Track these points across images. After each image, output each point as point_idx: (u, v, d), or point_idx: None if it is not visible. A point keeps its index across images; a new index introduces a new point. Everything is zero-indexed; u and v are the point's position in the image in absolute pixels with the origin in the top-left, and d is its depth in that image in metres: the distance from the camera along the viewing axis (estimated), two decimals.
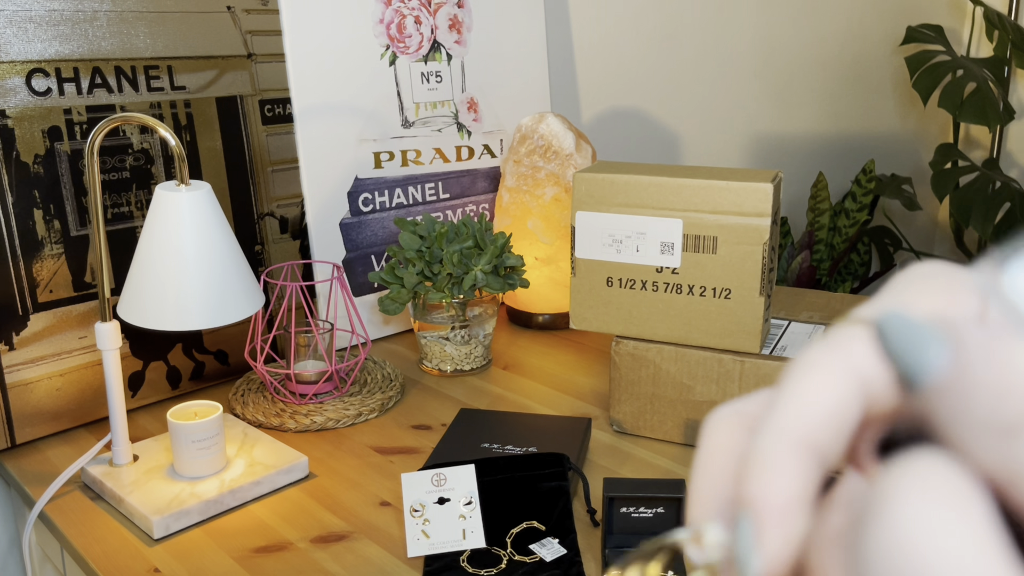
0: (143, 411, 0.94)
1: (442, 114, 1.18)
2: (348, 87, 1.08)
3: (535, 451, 0.81)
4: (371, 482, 0.81)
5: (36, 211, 0.86)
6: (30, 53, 0.84)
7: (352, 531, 0.74)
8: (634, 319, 0.86)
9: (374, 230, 1.12)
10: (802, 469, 0.20)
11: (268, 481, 0.79)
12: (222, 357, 1.00)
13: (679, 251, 0.82)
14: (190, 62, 0.95)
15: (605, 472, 0.83)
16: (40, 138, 0.85)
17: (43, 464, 0.84)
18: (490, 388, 1.01)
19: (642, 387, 0.87)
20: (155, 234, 0.76)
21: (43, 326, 0.87)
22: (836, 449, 0.20)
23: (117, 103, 0.90)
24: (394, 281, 1.00)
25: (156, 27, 0.92)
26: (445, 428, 0.91)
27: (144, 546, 0.72)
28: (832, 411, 0.20)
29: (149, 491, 0.76)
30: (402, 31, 1.13)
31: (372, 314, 1.13)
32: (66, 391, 0.89)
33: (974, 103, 1.72)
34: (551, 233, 1.14)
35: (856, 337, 0.21)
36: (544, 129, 1.14)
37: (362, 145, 1.10)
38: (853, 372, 0.21)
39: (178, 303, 0.75)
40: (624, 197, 0.83)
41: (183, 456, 0.78)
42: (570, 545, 0.70)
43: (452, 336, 1.02)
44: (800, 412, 0.20)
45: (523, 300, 1.18)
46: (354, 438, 0.90)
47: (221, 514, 0.76)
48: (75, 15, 0.87)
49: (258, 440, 0.85)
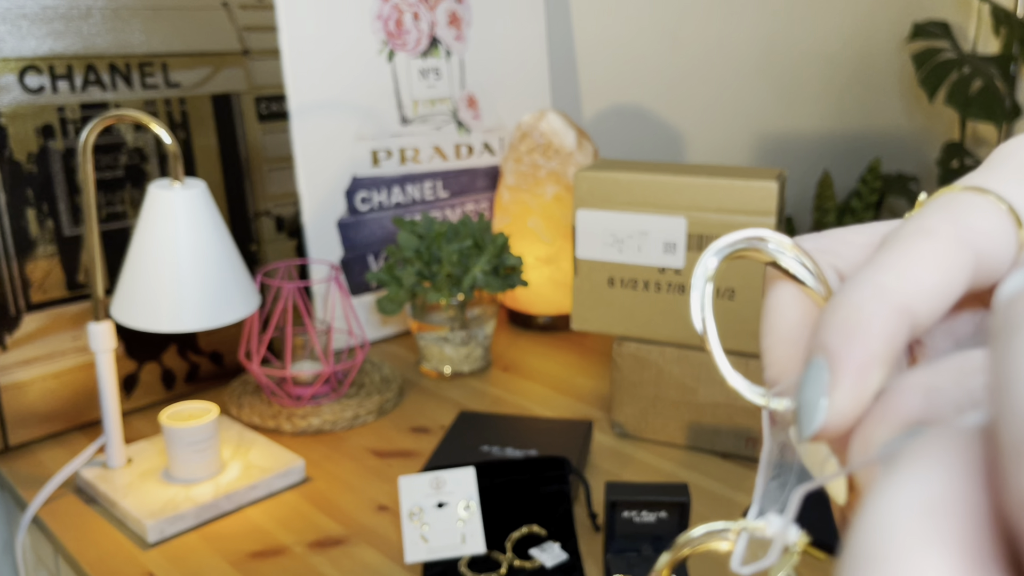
0: (138, 413, 0.93)
1: (441, 111, 1.17)
2: (345, 84, 1.07)
3: (536, 454, 0.79)
4: (369, 486, 0.80)
5: (29, 210, 0.84)
6: (23, 50, 0.83)
7: (349, 535, 0.73)
8: (636, 319, 0.84)
9: (372, 229, 1.11)
10: (893, 332, 0.18)
11: (264, 485, 0.78)
12: (217, 358, 0.99)
13: (682, 250, 0.81)
14: (185, 59, 0.94)
15: (607, 476, 0.81)
16: (33, 136, 0.84)
17: (36, 467, 0.83)
18: (490, 390, 1.00)
19: (644, 389, 0.86)
20: (149, 233, 0.75)
21: (36, 327, 0.86)
22: (931, 322, 0.19)
23: (111, 100, 0.89)
24: (392, 281, 0.98)
25: (151, 23, 0.91)
26: (444, 431, 0.90)
27: (139, 550, 0.71)
28: (939, 283, 0.19)
29: (143, 495, 0.75)
30: (400, 27, 1.11)
31: (370, 315, 1.11)
32: (60, 393, 0.87)
33: (981, 100, 1.71)
34: (552, 232, 1.13)
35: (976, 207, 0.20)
36: (545, 126, 1.13)
37: (359, 143, 1.09)
38: (968, 246, 0.19)
39: (172, 304, 0.74)
40: (626, 196, 0.82)
41: (177, 459, 0.77)
42: (571, 550, 0.69)
43: (451, 337, 1.01)
44: (907, 275, 0.18)
45: (523, 301, 1.17)
46: (351, 441, 0.88)
47: (216, 518, 0.75)
48: (69, 11, 0.85)
49: (254, 443, 0.84)
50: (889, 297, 0.18)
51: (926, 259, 0.19)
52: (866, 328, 0.18)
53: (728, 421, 0.83)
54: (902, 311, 0.18)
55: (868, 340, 0.18)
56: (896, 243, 0.19)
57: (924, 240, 0.19)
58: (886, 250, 0.19)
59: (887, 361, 0.18)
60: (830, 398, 0.18)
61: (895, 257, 0.19)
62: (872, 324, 0.18)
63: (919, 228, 0.19)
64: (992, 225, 0.19)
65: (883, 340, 0.18)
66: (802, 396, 0.18)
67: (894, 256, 0.19)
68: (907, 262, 0.19)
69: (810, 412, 0.18)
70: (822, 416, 0.18)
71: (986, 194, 0.20)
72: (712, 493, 0.78)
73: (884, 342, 0.18)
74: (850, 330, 0.18)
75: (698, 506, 0.76)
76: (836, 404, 0.18)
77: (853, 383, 0.18)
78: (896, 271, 0.18)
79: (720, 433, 0.84)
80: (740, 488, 0.79)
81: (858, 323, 0.18)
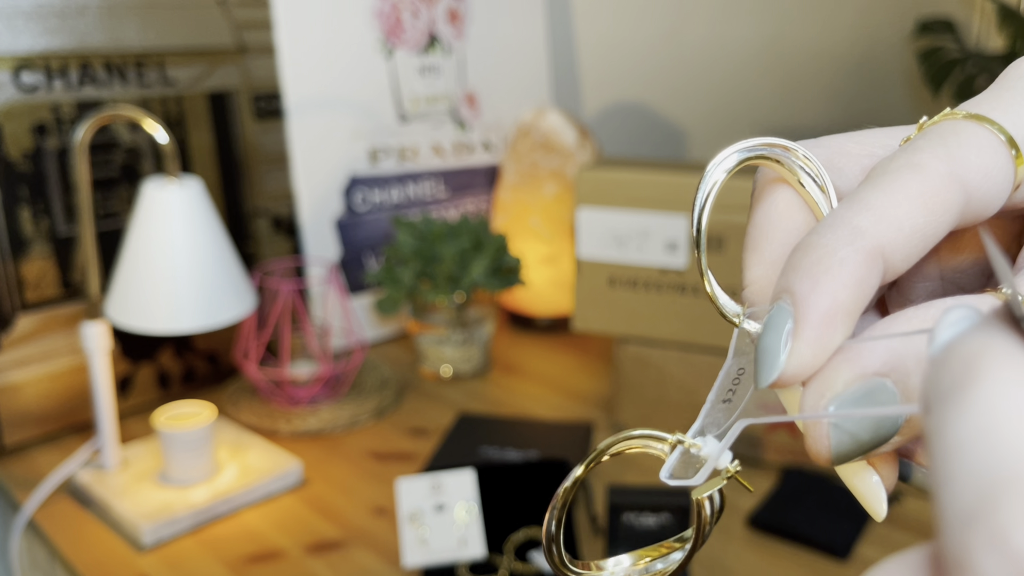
0: (134, 414, 0.92)
1: (440, 109, 1.16)
2: (342, 81, 1.06)
3: (536, 456, 0.78)
4: (367, 488, 0.79)
5: (23, 209, 0.83)
6: (18, 47, 0.82)
7: (347, 539, 0.72)
8: (638, 319, 0.83)
9: (370, 229, 1.10)
10: (863, 279, 0.17)
11: (261, 488, 0.77)
12: (214, 359, 0.98)
13: (684, 250, 0.80)
14: (181, 56, 0.93)
15: (608, 478, 0.80)
16: (28, 134, 0.83)
17: (31, 469, 0.82)
18: (489, 392, 0.99)
19: (646, 391, 0.85)
20: (144, 233, 0.74)
21: (31, 327, 0.85)
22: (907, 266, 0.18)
23: (106, 98, 0.88)
24: (391, 281, 0.97)
25: (146, 20, 0.90)
26: (443, 433, 0.89)
27: (134, 553, 0.70)
28: (921, 226, 0.17)
29: (139, 497, 0.74)
30: (399, 24, 1.10)
31: (368, 315, 1.10)
32: (54, 394, 0.86)
33: None
34: (553, 231, 1.12)
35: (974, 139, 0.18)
36: (545, 124, 1.12)
37: (357, 141, 1.08)
38: (959, 185, 0.18)
39: (168, 304, 0.73)
40: (628, 195, 0.81)
41: (173, 462, 0.76)
42: (572, 553, 0.68)
43: (450, 338, 1.00)
44: (885, 218, 0.17)
45: (524, 302, 1.16)
46: (349, 443, 0.87)
47: (212, 521, 0.74)
48: (64, 8, 0.84)
49: (251, 445, 0.83)
50: (863, 242, 0.17)
51: (911, 199, 0.17)
52: (835, 275, 0.17)
53: None
54: (875, 257, 0.17)
55: (836, 289, 0.17)
56: (882, 178, 0.18)
57: (911, 177, 0.18)
58: (870, 185, 0.18)
59: (854, 311, 0.17)
60: (791, 348, 0.17)
61: (877, 194, 0.18)
62: (842, 270, 0.17)
63: (908, 162, 0.18)
64: (988, 160, 0.18)
65: (852, 289, 0.17)
66: (763, 340, 0.18)
67: (876, 193, 0.18)
68: (889, 202, 0.17)
69: (770, 360, 0.17)
70: (780, 366, 0.17)
71: (986, 123, 0.18)
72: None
73: (853, 291, 0.17)
74: (818, 276, 0.17)
75: None
76: (796, 355, 0.17)
77: (816, 335, 0.17)
78: (875, 212, 0.17)
79: None
80: (743, 490, 0.78)
81: (828, 268, 0.17)
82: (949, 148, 0.18)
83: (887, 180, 0.18)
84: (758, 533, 0.72)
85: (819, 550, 0.69)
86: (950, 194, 0.17)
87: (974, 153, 0.18)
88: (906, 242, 0.17)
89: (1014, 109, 0.19)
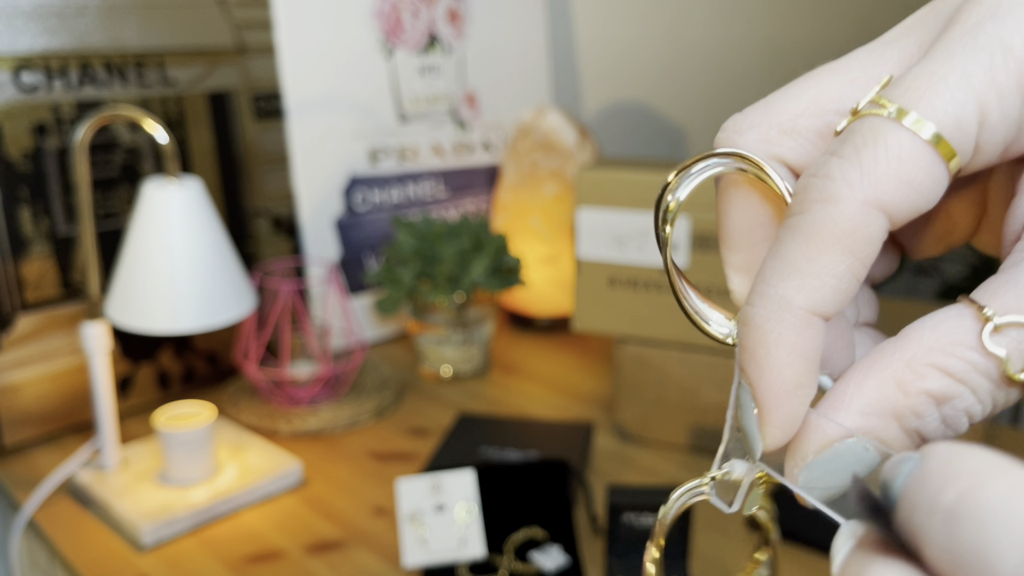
0: (134, 414, 0.92)
1: (440, 109, 1.16)
2: (342, 81, 1.06)
3: (536, 456, 0.78)
4: (366, 488, 0.79)
5: (23, 209, 0.83)
6: (18, 47, 0.82)
7: (347, 539, 0.72)
8: (638, 320, 0.83)
9: (370, 229, 1.10)
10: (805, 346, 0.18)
11: (261, 488, 0.77)
12: (214, 359, 0.98)
13: (684, 250, 0.80)
14: (181, 56, 0.93)
15: (608, 478, 0.80)
16: (28, 135, 0.83)
17: (31, 469, 0.82)
18: (489, 392, 0.99)
19: (646, 391, 0.85)
20: (144, 233, 0.74)
21: (31, 328, 0.85)
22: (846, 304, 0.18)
23: (106, 98, 0.88)
24: (391, 281, 0.97)
25: (146, 20, 0.90)
26: (443, 433, 0.89)
27: (134, 554, 0.70)
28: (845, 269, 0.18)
29: (139, 497, 0.74)
30: (399, 24, 1.10)
31: (368, 315, 1.10)
32: (54, 394, 0.86)
33: None
34: (553, 231, 1.12)
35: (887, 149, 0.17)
36: (545, 124, 1.12)
37: (357, 141, 1.08)
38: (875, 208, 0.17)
39: (168, 304, 0.73)
40: (628, 195, 0.81)
41: (173, 462, 0.76)
42: (572, 553, 0.68)
43: (450, 338, 1.00)
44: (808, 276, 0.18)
45: (524, 302, 1.16)
46: (349, 443, 0.87)
47: (212, 521, 0.74)
48: (63, 9, 0.84)
49: (251, 445, 0.83)
50: (792, 312, 0.18)
51: (829, 248, 0.17)
52: (775, 356, 0.18)
53: None
54: (808, 321, 0.18)
55: (780, 370, 0.18)
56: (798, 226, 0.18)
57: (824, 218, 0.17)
58: (789, 237, 0.18)
59: (808, 373, 0.18)
60: (761, 432, 0.19)
61: (794, 250, 0.18)
62: (779, 349, 0.18)
63: (821, 197, 0.17)
64: (909, 171, 0.17)
65: (796, 362, 0.18)
66: (742, 420, 0.20)
67: (793, 249, 0.18)
68: (806, 257, 0.18)
69: (752, 440, 0.19)
70: (760, 447, 0.19)
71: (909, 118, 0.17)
72: None
73: (797, 363, 0.18)
74: (760, 361, 0.18)
75: (700, 508, 0.75)
76: (769, 437, 0.19)
77: (778, 416, 0.18)
78: (797, 274, 0.18)
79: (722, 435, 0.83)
80: None
81: (767, 352, 0.18)
82: (864, 167, 0.17)
83: (804, 227, 0.18)
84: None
85: (819, 550, 0.69)
86: (869, 226, 0.17)
87: (893, 167, 0.17)
88: (835, 288, 0.18)
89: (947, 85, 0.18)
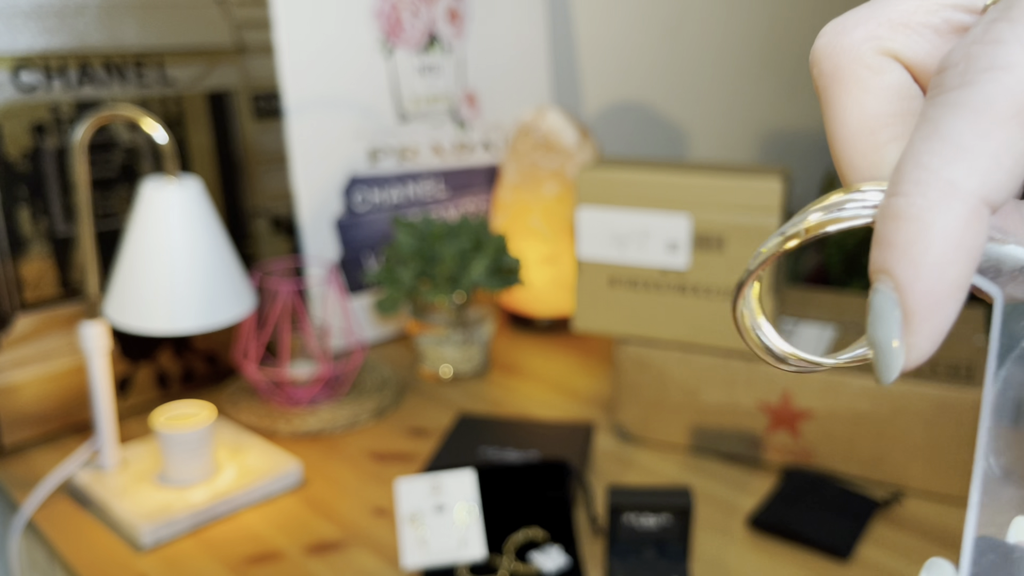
0: (133, 414, 0.92)
1: (440, 109, 1.16)
2: (342, 81, 1.06)
3: (536, 457, 0.78)
4: (366, 489, 0.79)
5: (22, 209, 0.83)
6: (17, 47, 0.82)
7: (346, 539, 0.72)
8: (639, 320, 0.83)
9: (370, 229, 1.10)
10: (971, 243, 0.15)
11: (260, 488, 0.77)
12: (213, 359, 0.98)
13: (685, 250, 0.80)
14: (180, 56, 0.92)
15: (608, 479, 0.80)
16: (26, 134, 0.83)
17: (30, 469, 0.82)
18: (489, 392, 0.99)
19: (646, 392, 0.85)
20: (143, 232, 0.73)
21: (30, 328, 0.84)
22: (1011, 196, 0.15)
23: (105, 98, 0.87)
24: (390, 281, 0.97)
25: (145, 20, 0.89)
26: (443, 433, 0.89)
27: (133, 554, 0.70)
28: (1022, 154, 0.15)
29: (137, 498, 0.74)
30: (399, 23, 1.10)
31: (368, 315, 1.10)
32: (53, 394, 0.86)
33: None
34: (553, 231, 1.12)
35: None
36: (545, 124, 1.11)
37: (357, 141, 1.08)
38: None
39: (167, 304, 0.73)
40: (628, 194, 0.80)
41: (172, 462, 0.75)
42: (572, 554, 0.68)
43: (450, 338, 1.00)
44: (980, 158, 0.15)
45: (524, 302, 1.16)
46: (349, 443, 0.87)
47: (211, 522, 0.74)
48: (63, 8, 0.84)
49: (250, 445, 0.83)
50: (961, 200, 0.15)
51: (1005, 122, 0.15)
52: (938, 253, 0.15)
53: (731, 423, 0.82)
54: (978, 212, 0.15)
55: (943, 268, 0.15)
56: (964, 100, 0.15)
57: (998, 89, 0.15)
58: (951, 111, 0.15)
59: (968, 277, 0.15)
60: (909, 344, 0.16)
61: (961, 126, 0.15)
62: (946, 243, 0.15)
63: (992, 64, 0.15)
64: None
65: (961, 261, 0.15)
66: (875, 334, 0.16)
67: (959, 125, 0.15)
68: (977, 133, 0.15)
69: (888, 359, 0.16)
70: (900, 362, 0.16)
71: None
72: (715, 496, 0.77)
73: (962, 263, 0.15)
74: (918, 258, 0.15)
75: (701, 509, 0.75)
76: (915, 350, 0.16)
77: (931, 325, 0.15)
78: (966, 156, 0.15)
79: (723, 435, 0.83)
80: (743, 490, 0.78)
81: (928, 247, 0.15)
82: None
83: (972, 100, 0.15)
84: (758, 533, 0.72)
85: (820, 550, 0.69)
86: None
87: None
88: (1011, 171, 0.15)
89: None
